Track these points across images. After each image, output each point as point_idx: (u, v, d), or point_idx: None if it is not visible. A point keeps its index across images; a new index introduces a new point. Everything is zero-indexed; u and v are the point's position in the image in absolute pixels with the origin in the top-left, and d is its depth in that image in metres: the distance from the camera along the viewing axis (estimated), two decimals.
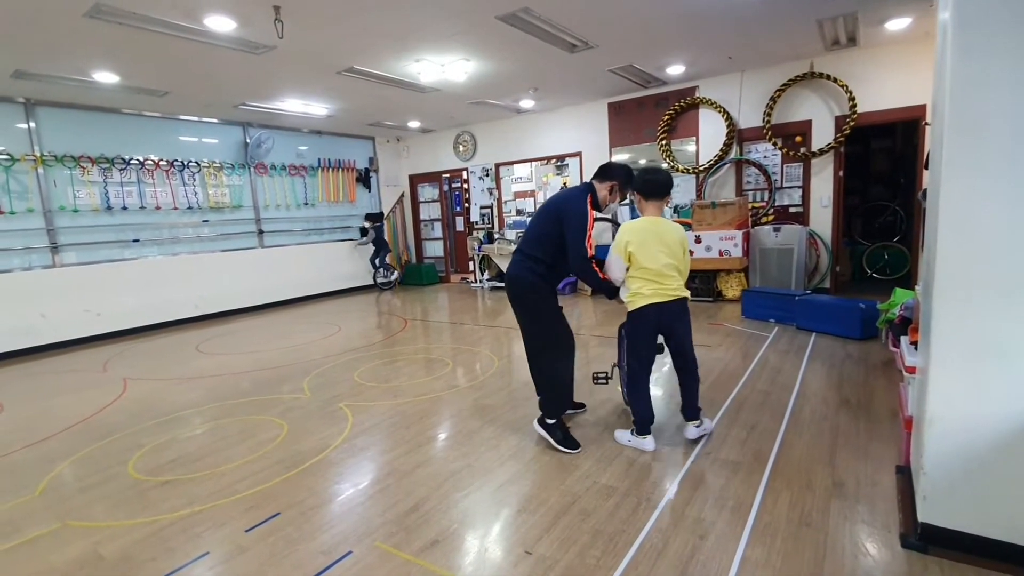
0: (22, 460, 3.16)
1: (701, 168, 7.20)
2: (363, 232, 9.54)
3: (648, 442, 2.78)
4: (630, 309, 2.76)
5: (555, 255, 2.79)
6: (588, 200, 2.75)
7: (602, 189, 2.85)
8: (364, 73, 5.84)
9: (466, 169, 9.79)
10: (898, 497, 2.21)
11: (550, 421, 2.86)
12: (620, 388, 3.39)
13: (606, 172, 2.88)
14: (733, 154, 7.04)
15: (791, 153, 6.59)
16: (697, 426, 2.86)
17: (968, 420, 1.75)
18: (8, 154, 5.97)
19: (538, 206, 3.05)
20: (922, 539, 1.88)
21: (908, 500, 2.11)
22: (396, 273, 9.91)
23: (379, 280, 9.72)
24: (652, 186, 2.78)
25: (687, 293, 2.79)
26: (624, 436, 2.87)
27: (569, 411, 3.20)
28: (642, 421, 2.78)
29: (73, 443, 3.35)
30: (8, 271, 5.97)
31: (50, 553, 2.19)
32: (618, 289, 2.85)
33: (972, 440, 1.75)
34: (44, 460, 3.13)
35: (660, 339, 2.89)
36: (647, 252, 2.68)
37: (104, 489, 2.71)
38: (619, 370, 3.37)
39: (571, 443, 2.83)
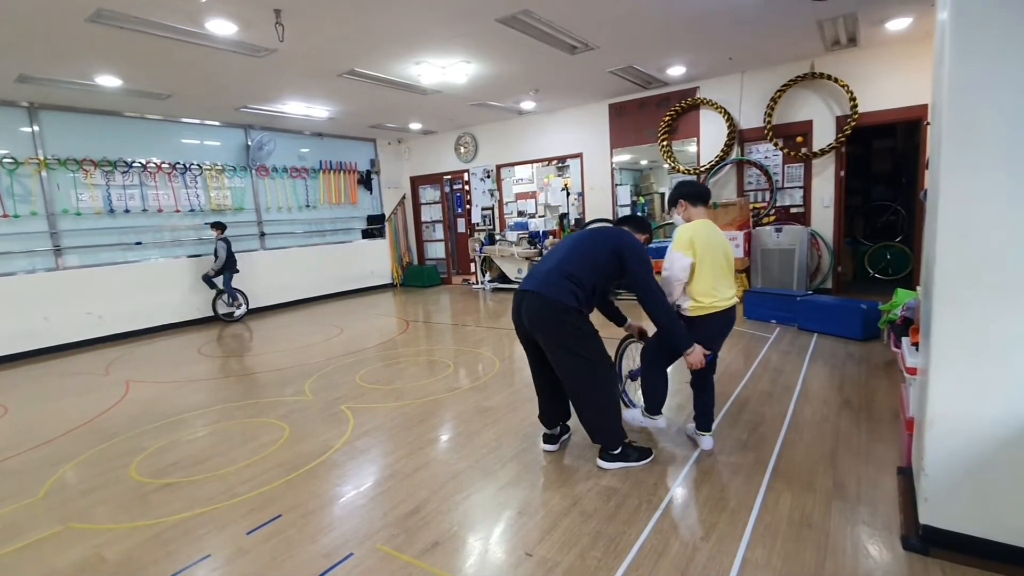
0: (25, 463, 3.17)
1: (702, 169, 7.19)
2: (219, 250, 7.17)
3: (662, 420, 2.80)
4: (691, 315, 2.62)
5: (603, 288, 2.66)
6: None
7: (641, 239, 2.76)
8: (365, 76, 5.86)
9: (467, 171, 9.81)
10: (899, 498, 2.21)
11: (615, 451, 2.63)
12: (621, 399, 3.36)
13: (643, 225, 2.82)
14: (734, 155, 7.04)
15: (792, 153, 6.58)
16: (712, 436, 2.82)
17: (969, 421, 1.74)
18: (12, 158, 6.00)
19: (572, 236, 2.79)
20: (923, 541, 1.88)
21: (909, 501, 2.11)
22: (244, 304, 7.57)
23: (220, 309, 7.42)
24: (698, 192, 2.76)
25: (737, 300, 2.72)
26: (636, 416, 2.85)
27: (563, 437, 2.95)
28: (657, 403, 2.78)
29: (76, 446, 3.37)
30: (12, 274, 6.00)
31: (53, 556, 2.20)
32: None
33: (973, 441, 1.74)
34: (47, 463, 3.14)
35: None
36: (711, 253, 2.59)
37: (106, 492, 2.72)
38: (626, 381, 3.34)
39: (646, 452, 2.68)
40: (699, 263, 2.58)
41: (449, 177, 10.20)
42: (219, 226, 7.16)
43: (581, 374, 2.56)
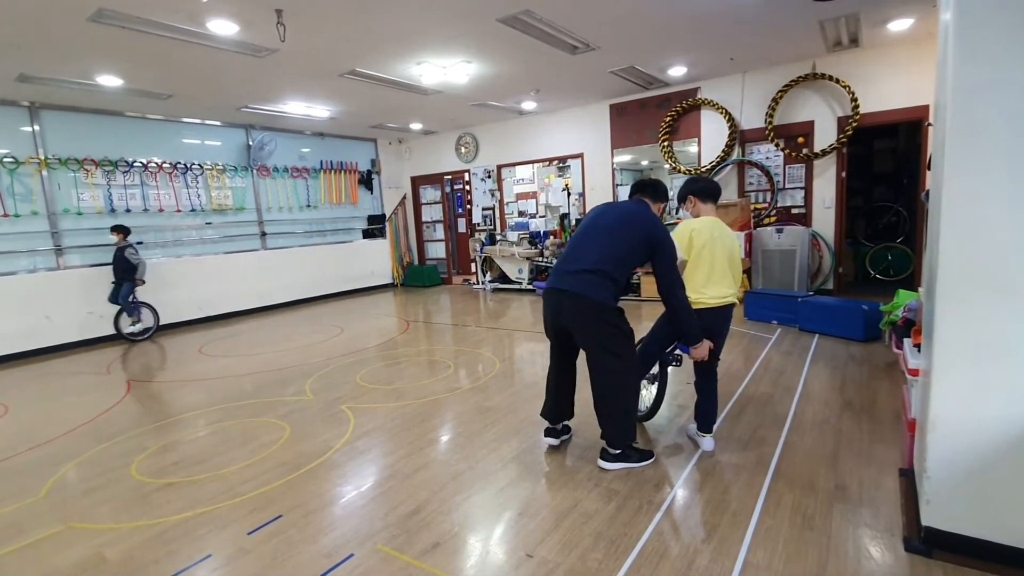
0: (26, 462, 3.17)
1: (703, 169, 7.18)
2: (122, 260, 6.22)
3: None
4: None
5: (628, 279, 2.66)
6: None
7: (657, 210, 2.74)
8: (366, 76, 5.86)
9: (468, 171, 9.80)
10: (901, 500, 2.20)
11: (616, 451, 2.61)
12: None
13: (661, 193, 2.78)
14: (735, 155, 7.03)
15: (793, 154, 6.58)
16: (714, 438, 2.82)
17: (972, 423, 1.74)
18: (13, 157, 6.00)
19: (597, 216, 2.70)
20: (925, 543, 1.87)
21: (911, 503, 2.10)
22: (150, 317, 6.69)
23: (124, 327, 6.48)
24: (708, 189, 2.80)
25: (736, 300, 2.73)
26: None
27: (564, 436, 2.96)
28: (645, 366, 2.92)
29: (77, 445, 3.37)
30: (13, 273, 6.00)
31: (54, 555, 2.20)
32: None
33: (976, 443, 1.74)
34: (48, 462, 3.14)
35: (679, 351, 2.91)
36: (708, 251, 2.63)
37: (108, 491, 2.72)
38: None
39: (647, 454, 2.69)
40: (693, 261, 2.64)
41: (450, 177, 10.20)
42: (121, 229, 6.26)
43: (614, 372, 2.57)
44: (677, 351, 2.95)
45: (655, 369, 3.09)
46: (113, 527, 2.38)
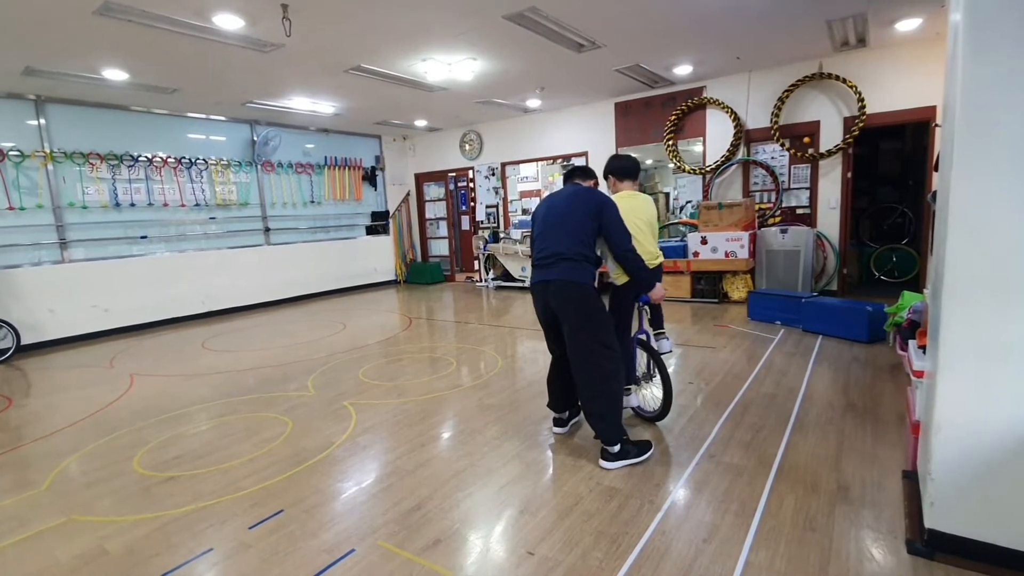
0: (29, 454, 3.19)
1: (708, 168, 7.16)
2: None
3: (634, 397, 3.08)
4: (619, 283, 2.90)
5: (594, 253, 2.77)
6: None
7: (589, 184, 2.96)
8: (371, 72, 5.86)
9: (472, 168, 9.80)
10: (904, 502, 2.19)
11: (615, 449, 2.61)
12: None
13: (589, 172, 3.01)
14: (740, 155, 7.00)
15: (799, 154, 6.55)
16: (668, 340, 3.21)
17: (977, 425, 1.73)
18: (18, 151, 6.02)
19: (548, 208, 2.83)
20: (929, 545, 1.86)
21: (915, 506, 2.09)
22: (10, 337, 5.68)
23: None
24: (622, 168, 3.09)
25: (658, 260, 2.99)
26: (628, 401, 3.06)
27: (573, 421, 3.13)
28: (629, 369, 3.00)
29: (80, 438, 3.38)
30: (17, 267, 6.03)
31: (56, 547, 2.21)
32: (659, 277, 2.97)
33: (981, 445, 1.73)
34: (51, 455, 3.15)
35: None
36: (628, 221, 2.83)
37: (110, 484, 2.73)
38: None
39: (645, 446, 2.71)
40: None
41: (454, 174, 10.19)
42: None
43: (599, 358, 2.62)
44: (663, 342, 3.19)
45: (645, 363, 3.22)
46: (115, 520, 2.39)
